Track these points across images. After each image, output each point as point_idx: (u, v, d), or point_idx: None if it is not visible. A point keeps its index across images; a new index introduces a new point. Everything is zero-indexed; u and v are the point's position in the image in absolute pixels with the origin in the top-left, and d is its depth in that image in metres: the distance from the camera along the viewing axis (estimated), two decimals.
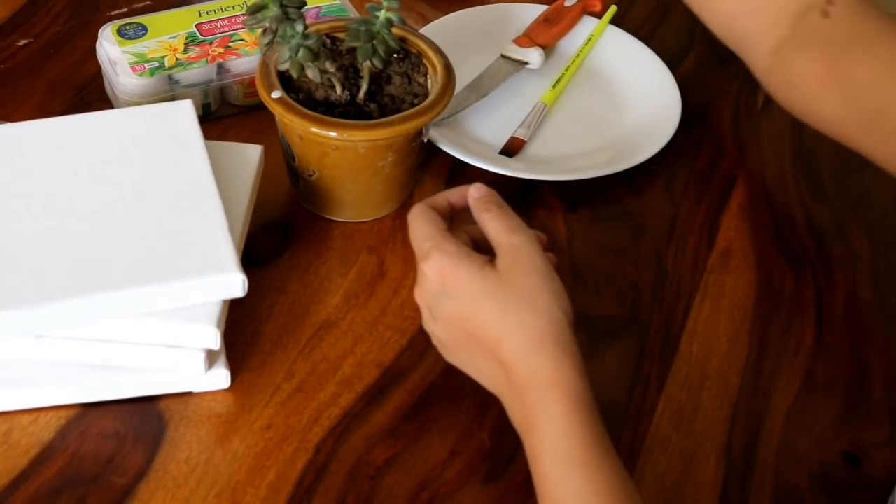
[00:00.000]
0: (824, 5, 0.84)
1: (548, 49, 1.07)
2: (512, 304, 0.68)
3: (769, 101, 1.08)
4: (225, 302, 0.75)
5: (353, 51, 0.88)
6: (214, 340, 0.74)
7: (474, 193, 0.75)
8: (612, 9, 1.11)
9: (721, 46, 1.07)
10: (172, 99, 0.93)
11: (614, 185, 0.94)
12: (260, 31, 0.83)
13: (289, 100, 0.83)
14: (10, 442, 0.73)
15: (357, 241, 0.89)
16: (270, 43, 0.83)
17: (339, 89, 0.86)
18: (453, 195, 0.77)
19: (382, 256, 0.88)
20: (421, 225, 0.74)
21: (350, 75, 0.89)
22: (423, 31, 1.01)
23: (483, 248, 0.73)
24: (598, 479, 0.63)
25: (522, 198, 0.93)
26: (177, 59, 0.95)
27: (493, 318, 0.68)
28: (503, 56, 1.06)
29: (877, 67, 0.81)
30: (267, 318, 0.82)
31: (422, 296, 0.73)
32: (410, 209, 0.76)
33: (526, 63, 1.05)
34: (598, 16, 1.11)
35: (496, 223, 0.72)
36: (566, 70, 1.06)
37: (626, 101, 1.04)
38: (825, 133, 0.86)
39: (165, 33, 0.97)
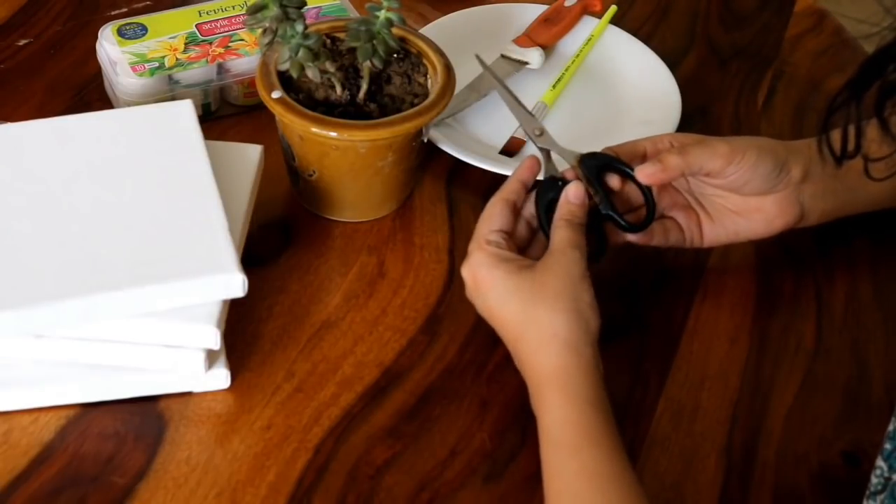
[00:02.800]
0: None
1: (548, 49, 1.07)
2: (533, 304, 0.73)
3: (769, 100, 1.09)
4: (225, 302, 0.75)
5: (353, 51, 0.88)
6: (214, 340, 0.74)
7: (571, 198, 0.79)
8: (612, 9, 1.11)
9: (721, 46, 1.07)
10: (172, 99, 0.93)
11: None
12: (260, 31, 0.82)
13: (289, 100, 0.83)
14: (10, 442, 0.73)
15: (357, 241, 0.89)
16: (270, 43, 0.83)
17: (339, 89, 0.86)
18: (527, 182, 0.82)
19: (382, 256, 0.88)
20: (483, 220, 0.79)
21: (350, 75, 0.89)
22: (423, 31, 1.01)
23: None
24: (583, 461, 0.68)
25: None
26: (177, 59, 0.95)
27: (515, 317, 0.74)
28: (503, 56, 1.06)
29: None
30: (267, 318, 0.82)
31: (467, 293, 0.79)
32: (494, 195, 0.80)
33: (526, 63, 1.05)
34: (598, 16, 1.11)
35: (563, 233, 0.77)
36: (566, 70, 1.06)
37: (626, 101, 1.04)
38: None
39: (165, 33, 0.97)
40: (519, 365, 0.76)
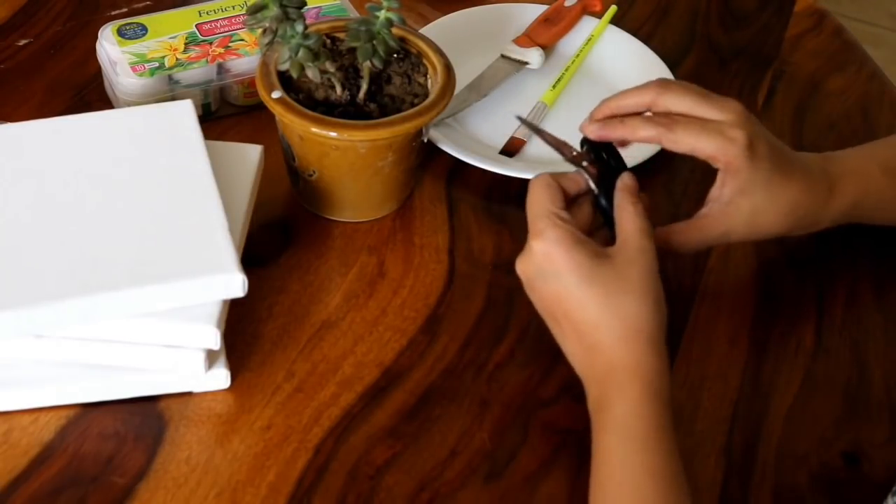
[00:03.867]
0: None
1: (548, 49, 1.07)
2: (618, 295, 0.71)
3: (769, 100, 1.09)
4: (225, 302, 0.75)
5: (353, 51, 0.88)
6: (214, 340, 0.74)
7: (629, 181, 0.78)
8: (612, 9, 1.11)
9: (721, 46, 1.07)
10: (172, 99, 0.93)
11: None
12: (260, 31, 0.83)
13: (289, 100, 0.83)
14: (10, 442, 0.73)
15: (357, 241, 0.89)
16: (270, 43, 0.83)
17: (339, 89, 0.86)
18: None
19: (382, 256, 0.88)
20: (539, 198, 0.76)
21: (350, 75, 0.89)
22: (423, 31, 1.01)
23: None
24: (651, 457, 0.68)
25: (523, 198, 0.93)
26: (177, 59, 0.95)
27: (596, 305, 0.72)
28: (503, 56, 1.06)
29: None
30: (267, 318, 0.82)
31: (524, 268, 0.75)
32: (535, 177, 0.77)
33: (526, 63, 1.05)
34: (598, 16, 1.11)
35: (635, 220, 0.75)
36: (566, 70, 1.06)
37: None
38: None
39: (165, 33, 0.97)
40: (585, 350, 0.73)
